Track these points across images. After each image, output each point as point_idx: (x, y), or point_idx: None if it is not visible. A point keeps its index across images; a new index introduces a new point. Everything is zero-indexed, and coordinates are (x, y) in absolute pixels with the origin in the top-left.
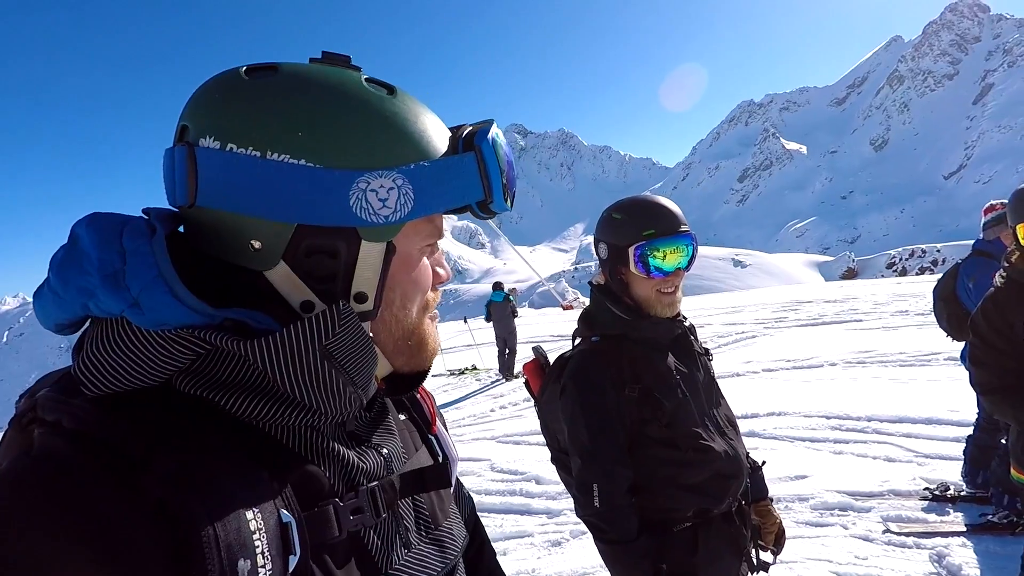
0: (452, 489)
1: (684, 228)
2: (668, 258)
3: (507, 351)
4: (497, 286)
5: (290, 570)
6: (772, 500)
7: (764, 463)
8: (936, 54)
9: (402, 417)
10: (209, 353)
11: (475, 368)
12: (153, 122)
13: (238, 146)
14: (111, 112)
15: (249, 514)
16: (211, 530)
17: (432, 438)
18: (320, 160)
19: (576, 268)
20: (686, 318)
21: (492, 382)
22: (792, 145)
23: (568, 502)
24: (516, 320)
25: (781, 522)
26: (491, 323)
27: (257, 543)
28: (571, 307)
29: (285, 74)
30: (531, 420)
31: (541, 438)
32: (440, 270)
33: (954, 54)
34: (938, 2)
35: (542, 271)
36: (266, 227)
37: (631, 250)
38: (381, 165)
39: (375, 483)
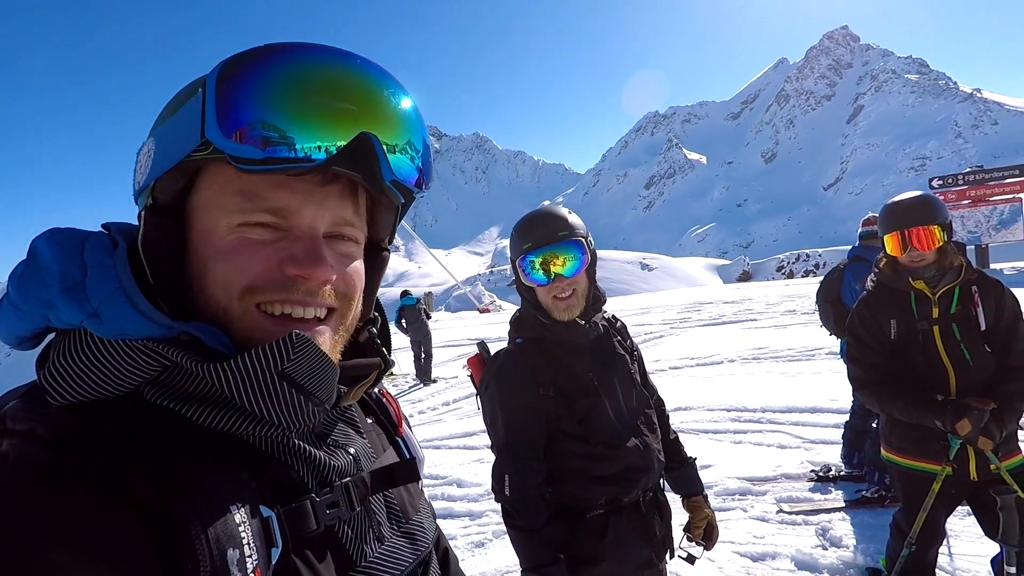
0: (420, 486)
1: (563, 235)
2: (545, 267)
3: (423, 355)
4: (405, 293)
5: (272, 562)
6: (705, 497)
7: (695, 459)
8: (816, 76)
9: (369, 420)
10: (174, 365)
11: (392, 374)
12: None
13: None
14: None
15: (233, 508)
16: (200, 524)
17: (399, 440)
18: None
19: (492, 272)
20: (617, 319)
21: (410, 387)
22: (693, 155)
23: (489, 503)
24: (431, 324)
25: (712, 517)
26: (404, 329)
27: (243, 534)
28: (487, 310)
29: None
30: (451, 424)
31: (461, 442)
32: (291, 263)
33: (831, 77)
34: (817, 29)
35: (458, 274)
36: None
37: (517, 263)
38: (151, 132)
39: (347, 479)
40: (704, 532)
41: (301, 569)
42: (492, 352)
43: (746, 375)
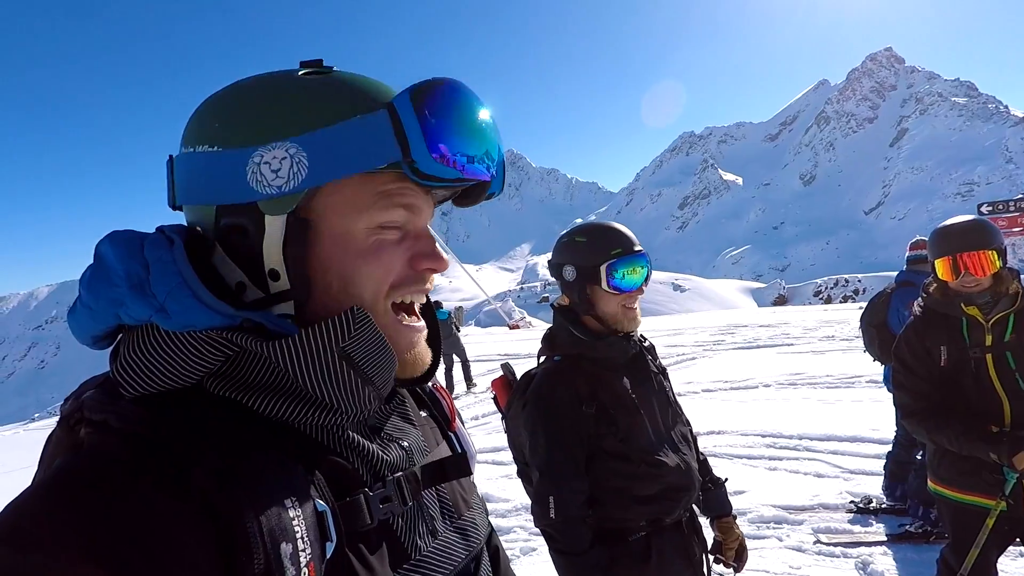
0: (473, 480)
1: (640, 248)
2: (632, 275)
3: (461, 361)
4: (436, 306)
5: (327, 556)
6: (735, 517)
7: (727, 479)
8: (858, 99)
9: (423, 414)
10: (236, 356)
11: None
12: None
13: (185, 147)
14: (126, 114)
15: (288, 502)
16: (255, 517)
17: (452, 434)
18: (224, 143)
19: (522, 288)
20: (645, 339)
21: None
22: (729, 176)
23: (517, 519)
24: (461, 337)
25: (743, 539)
26: None
27: (297, 528)
28: (517, 327)
29: (238, 81)
30: (479, 439)
31: (490, 456)
32: (424, 259)
33: (874, 99)
34: (860, 51)
35: (489, 290)
36: (201, 213)
37: (603, 268)
38: (275, 138)
39: (400, 473)
40: (736, 554)
41: (355, 564)
42: (517, 374)
43: (782, 400)
